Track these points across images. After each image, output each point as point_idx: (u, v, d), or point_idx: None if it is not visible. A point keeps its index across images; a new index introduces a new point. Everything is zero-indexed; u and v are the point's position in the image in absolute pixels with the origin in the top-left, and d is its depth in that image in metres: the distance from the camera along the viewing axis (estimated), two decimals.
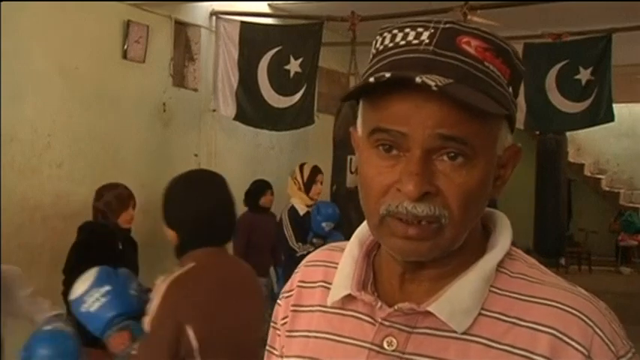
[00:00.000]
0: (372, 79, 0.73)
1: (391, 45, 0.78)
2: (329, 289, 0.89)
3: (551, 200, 8.82)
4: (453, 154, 0.75)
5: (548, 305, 0.78)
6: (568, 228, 10.04)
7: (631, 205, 11.84)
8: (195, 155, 6.14)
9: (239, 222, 5.39)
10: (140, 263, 4.03)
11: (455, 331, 0.78)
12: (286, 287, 0.97)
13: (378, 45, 0.81)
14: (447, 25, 0.77)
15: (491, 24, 5.58)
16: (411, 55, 0.76)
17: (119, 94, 5.31)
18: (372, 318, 0.84)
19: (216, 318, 1.94)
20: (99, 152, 5.14)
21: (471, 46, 0.76)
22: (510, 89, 0.79)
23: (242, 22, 6.10)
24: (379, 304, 0.83)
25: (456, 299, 0.79)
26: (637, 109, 11.73)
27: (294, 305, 0.94)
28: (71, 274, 3.12)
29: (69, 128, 4.90)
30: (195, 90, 6.19)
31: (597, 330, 0.77)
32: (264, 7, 6.71)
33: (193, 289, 1.92)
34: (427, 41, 0.76)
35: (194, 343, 1.87)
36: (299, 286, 0.95)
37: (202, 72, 6.21)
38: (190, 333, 1.87)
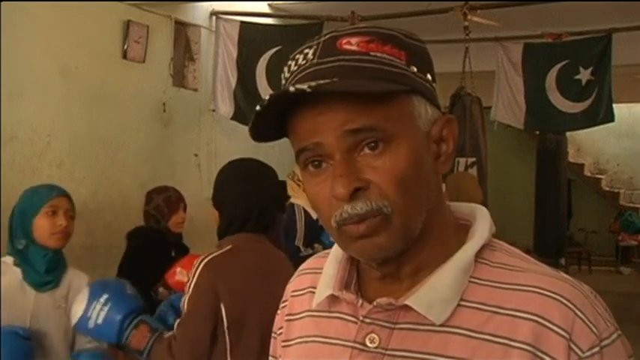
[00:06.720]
0: (258, 108, 0.76)
1: (288, 75, 0.83)
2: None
3: (551, 200, 8.82)
4: (372, 145, 0.77)
5: (529, 291, 0.77)
6: (568, 228, 10.04)
7: (631, 205, 11.83)
8: (195, 155, 6.14)
9: None
10: None
11: (435, 324, 0.78)
12: (283, 298, 0.99)
13: (282, 82, 0.84)
14: (327, 36, 0.80)
15: (492, 24, 5.58)
16: (300, 75, 0.80)
17: (119, 94, 5.31)
18: (355, 317, 0.84)
19: (247, 299, 2.00)
20: (99, 152, 5.14)
21: (352, 44, 0.79)
22: (414, 68, 0.80)
23: (242, 22, 6.10)
24: (360, 301, 0.83)
25: (433, 291, 0.79)
26: (637, 109, 11.73)
27: (288, 315, 0.96)
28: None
29: (69, 128, 4.90)
30: (195, 90, 6.19)
31: (578, 313, 0.76)
32: (264, 7, 6.71)
33: (227, 269, 2.00)
34: (312, 57, 0.80)
35: (225, 321, 1.95)
36: (292, 296, 0.97)
37: (202, 72, 6.21)
38: (222, 311, 1.95)
